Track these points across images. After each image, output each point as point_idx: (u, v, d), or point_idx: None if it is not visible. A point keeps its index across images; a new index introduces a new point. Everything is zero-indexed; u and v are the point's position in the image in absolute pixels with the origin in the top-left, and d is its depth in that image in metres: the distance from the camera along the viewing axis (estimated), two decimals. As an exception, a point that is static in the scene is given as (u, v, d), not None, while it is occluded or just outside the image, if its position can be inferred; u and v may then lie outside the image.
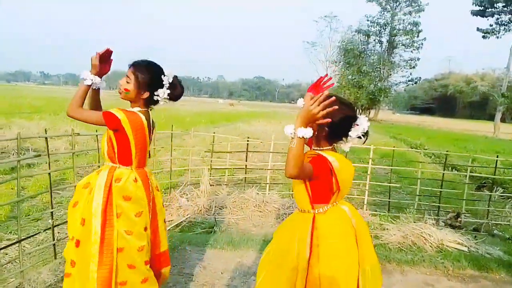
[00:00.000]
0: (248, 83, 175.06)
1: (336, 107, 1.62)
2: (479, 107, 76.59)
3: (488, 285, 3.53)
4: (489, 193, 6.19)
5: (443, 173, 6.17)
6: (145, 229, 2.16)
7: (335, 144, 1.89)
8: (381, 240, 4.32)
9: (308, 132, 1.59)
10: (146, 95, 2.16)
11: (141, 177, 2.18)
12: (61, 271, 3.25)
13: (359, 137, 1.85)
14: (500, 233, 5.15)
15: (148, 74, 2.12)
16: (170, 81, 2.19)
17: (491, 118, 41.17)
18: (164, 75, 2.17)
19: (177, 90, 2.27)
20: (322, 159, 1.74)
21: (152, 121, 2.31)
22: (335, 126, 1.75)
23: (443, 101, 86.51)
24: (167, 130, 6.52)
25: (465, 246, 4.25)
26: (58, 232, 4.34)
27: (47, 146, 3.51)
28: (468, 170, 6.35)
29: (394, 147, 6.89)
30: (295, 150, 1.59)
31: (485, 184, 8.02)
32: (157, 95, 2.18)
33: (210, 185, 6.20)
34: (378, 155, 11.33)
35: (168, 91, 2.19)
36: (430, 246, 4.20)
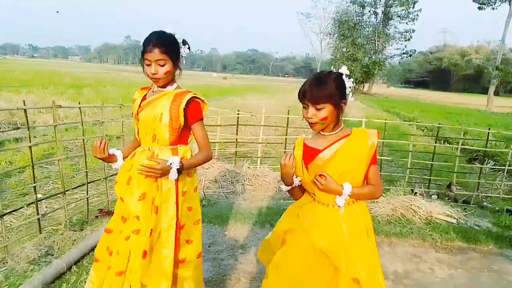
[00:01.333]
0: (241, 56, 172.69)
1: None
2: (473, 80, 76.58)
3: (476, 257, 3.55)
4: (480, 166, 6.18)
5: (435, 146, 6.16)
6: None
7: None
8: (371, 213, 4.30)
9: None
10: (177, 67, 2.00)
11: None
12: (46, 246, 3.20)
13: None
14: (490, 205, 5.17)
15: (175, 47, 1.95)
16: (181, 40, 2.02)
17: (485, 91, 41.09)
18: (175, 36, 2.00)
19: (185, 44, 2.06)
20: None
21: None
22: (344, 97, 1.70)
23: (438, 74, 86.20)
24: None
25: (454, 218, 4.25)
26: (46, 207, 4.30)
27: (27, 119, 3.38)
28: (459, 143, 6.33)
29: (386, 119, 6.83)
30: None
31: (477, 157, 8.05)
32: (182, 60, 2.04)
33: (201, 159, 6.14)
34: (371, 127, 11.32)
35: (187, 49, 2.03)
36: (419, 218, 4.19)
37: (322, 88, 1.63)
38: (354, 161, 1.68)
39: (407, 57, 51.51)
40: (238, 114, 6.55)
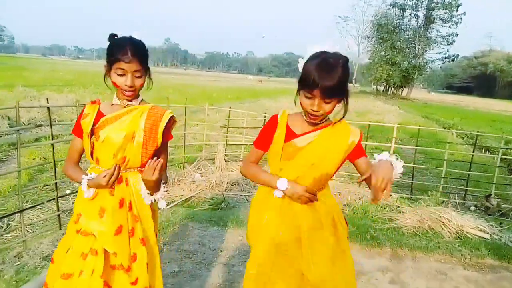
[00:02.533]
0: (277, 59, 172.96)
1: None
2: (520, 87, 72.51)
3: (508, 277, 3.23)
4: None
5: (472, 155, 5.80)
6: None
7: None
8: (395, 224, 4.06)
9: None
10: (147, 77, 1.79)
11: None
12: (62, 242, 3.25)
13: None
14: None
15: (147, 54, 1.75)
16: None
17: (534, 98, 38.70)
18: None
19: None
20: None
21: None
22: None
23: (482, 80, 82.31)
24: (181, 104, 6.42)
25: (487, 233, 3.92)
26: (73, 203, 4.41)
27: (49, 116, 3.47)
28: (500, 152, 5.94)
29: (419, 125, 6.53)
30: None
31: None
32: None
33: (225, 161, 6.10)
34: (407, 135, 10.91)
35: None
36: (449, 232, 3.90)
37: (335, 79, 1.43)
38: (328, 154, 1.57)
39: (449, 61, 49.38)
40: (265, 116, 6.47)
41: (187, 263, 3.00)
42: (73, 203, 4.26)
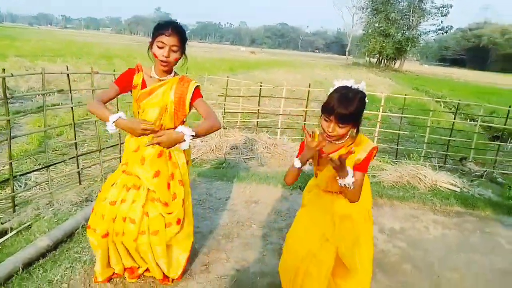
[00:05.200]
0: (271, 30, 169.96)
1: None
2: (513, 60, 72.63)
3: (471, 220, 3.80)
4: (499, 143, 6.24)
5: (453, 122, 6.26)
6: None
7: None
8: (377, 179, 4.59)
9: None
10: (182, 56, 2.14)
11: None
12: (86, 194, 3.70)
13: None
14: (504, 181, 5.29)
15: (186, 39, 2.11)
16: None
17: (524, 71, 39.18)
18: None
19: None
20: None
21: None
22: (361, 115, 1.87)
23: (475, 53, 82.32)
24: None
25: (458, 187, 4.48)
26: (83, 165, 4.80)
27: (69, 82, 3.82)
28: (479, 120, 6.40)
29: (406, 94, 6.95)
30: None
31: (501, 135, 8.02)
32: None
33: (224, 128, 6.51)
34: (396, 105, 11.39)
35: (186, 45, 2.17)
36: (424, 185, 4.45)
37: (350, 109, 1.74)
38: None
39: (443, 33, 49.51)
40: (260, 86, 6.84)
41: (198, 209, 3.49)
42: (83, 165, 4.69)
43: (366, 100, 1.84)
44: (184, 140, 1.89)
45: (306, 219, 2.14)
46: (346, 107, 1.74)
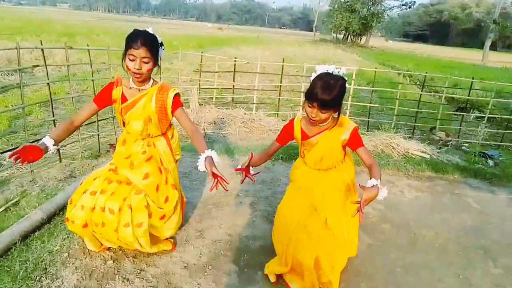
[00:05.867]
0: (237, 6, 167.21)
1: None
2: (473, 35, 75.23)
3: (442, 183, 4.10)
4: (462, 114, 6.61)
5: (420, 94, 6.56)
6: None
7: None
8: (354, 148, 4.80)
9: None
10: (156, 65, 2.15)
11: None
12: (69, 171, 3.67)
13: None
14: (468, 149, 5.64)
15: (157, 48, 2.10)
16: (160, 41, 2.18)
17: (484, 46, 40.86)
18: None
19: (162, 45, 2.24)
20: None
21: None
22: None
23: (437, 28, 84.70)
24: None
25: (428, 154, 4.77)
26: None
27: (44, 57, 3.70)
28: (444, 92, 6.73)
29: (376, 68, 7.17)
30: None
31: (465, 107, 8.47)
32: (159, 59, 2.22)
33: (199, 104, 6.51)
34: (365, 80, 11.70)
35: (162, 50, 2.20)
36: (397, 153, 4.71)
37: (331, 96, 1.87)
38: (331, 150, 2.15)
39: (406, 8, 50.28)
40: (235, 61, 6.84)
41: (185, 181, 3.57)
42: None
43: (347, 85, 1.97)
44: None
45: (295, 192, 2.30)
46: (328, 94, 1.87)
